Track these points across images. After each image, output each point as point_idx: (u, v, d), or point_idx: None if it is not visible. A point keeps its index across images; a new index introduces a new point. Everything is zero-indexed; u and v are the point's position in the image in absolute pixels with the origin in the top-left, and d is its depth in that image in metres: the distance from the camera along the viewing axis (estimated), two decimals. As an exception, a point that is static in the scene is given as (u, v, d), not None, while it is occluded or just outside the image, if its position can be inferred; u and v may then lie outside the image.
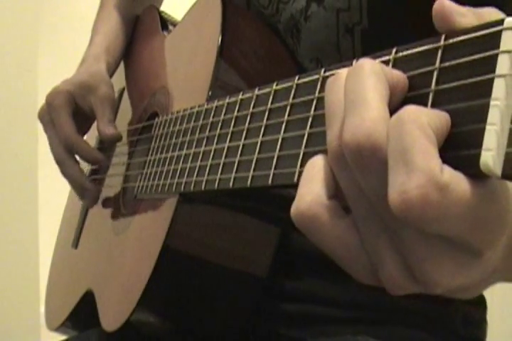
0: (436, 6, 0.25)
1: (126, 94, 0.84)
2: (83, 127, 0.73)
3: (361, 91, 0.25)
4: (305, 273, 0.59)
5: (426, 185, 0.22)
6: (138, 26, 0.85)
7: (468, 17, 0.25)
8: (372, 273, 0.27)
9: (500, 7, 0.27)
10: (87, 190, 0.72)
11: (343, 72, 0.27)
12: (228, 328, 0.58)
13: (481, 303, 0.64)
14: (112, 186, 0.75)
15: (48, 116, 0.71)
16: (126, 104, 0.82)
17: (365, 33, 0.53)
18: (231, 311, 0.57)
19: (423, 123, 0.23)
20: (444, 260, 0.25)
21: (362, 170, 0.25)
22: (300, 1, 0.57)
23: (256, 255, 0.56)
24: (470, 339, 0.62)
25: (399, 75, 0.26)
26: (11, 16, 1.60)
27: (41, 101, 0.74)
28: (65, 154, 0.70)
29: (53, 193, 1.37)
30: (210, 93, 0.54)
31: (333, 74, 0.31)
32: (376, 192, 0.25)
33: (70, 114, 0.70)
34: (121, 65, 0.85)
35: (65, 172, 0.72)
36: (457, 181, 0.23)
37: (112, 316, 0.62)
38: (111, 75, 0.77)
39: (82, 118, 0.72)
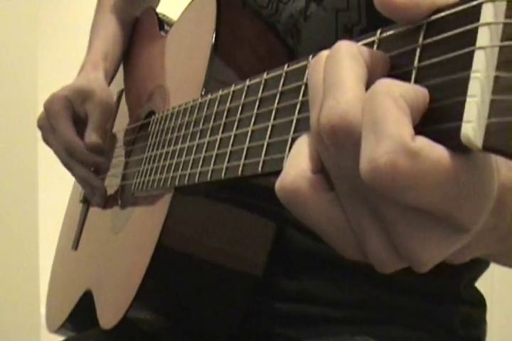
0: None
1: (125, 95, 0.84)
2: (82, 133, 0.74)
3: (337, 74, 0.25)
4: (303, 272, 0.59)
5: (394, 151, 0.22)
6: (137, 28, 0.86)
7: None
8: (358, 249, 0.27)
9: None
10: (96, 188, 0.73)
11: (323, 55, 0.27)
12: (224, 326, 0.58)
13: (480, 303, 0.64)
14: (111, 186, 0.75)
15: (47, 124, 0.71)
16: (125, 104, 0.83)
17: (364, 33, 0.53)
18: (226, 308, 0.57)
19: (395, 93, 0.23)
20: (428, 236, 0.24)
21: (339, 151, 0.25)
22: (299, 1, 0.57)
23: (251, 251, 0.56)
24: (469, 340, 0.62)
25: (378, 54, 0.26)
26: (11, 16, 1.61)
27: (41, 101, 0.74)
28: (71, 159, 0.71)
29: (53, 193, 1.38)
30: (203, 90, 0.54)
31: None
32: (354, 170, 0.25)
33: (69, 118, 0.71)
34: (121, 67, 0.85)
35: (75, 175, 0.73)
36: (430, 148, 0.23)
37: (108, 313, 0.62)
38: (109, 82, 0.77)
39: (81, 125, 0.72)
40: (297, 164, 0.27)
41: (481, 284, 0.64)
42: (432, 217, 0.24)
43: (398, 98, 0.23)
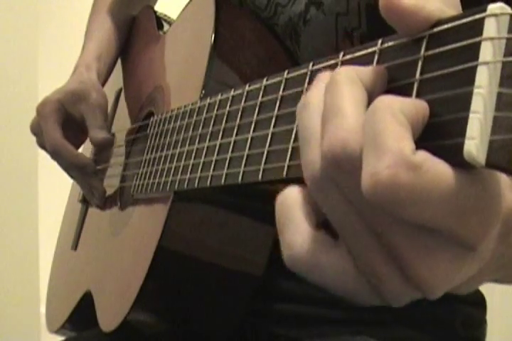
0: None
1: (123, 95, 0.84)
2: (78, 137, 0.73)
3: (336, 102, 0.25)
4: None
5: (395, 165, 0.22)
6: (135, 27, 0.86)
7: None
8: (374, 292, 0.26)
9: None
10: (95, 189, 0.72)
11: (308, 97, 0.27)
12: (224, 327, 0.58)
13: (480, 304, 0.64)
14: (109, 187, 0.75)
15: (38, 127, 0.71)
16: (123, 104, 0.83)
17: (364, 37, 0.53)
18: (226, 309, 0.57)
19: (394, 109, 0.23)
20: (436, 259, 0.24)
21: (344, 180, 0.25)
22: (299, 5, 0.57)
23: (251, 253, 0.56)
24: (469, 340, 0.62)
25: (376, 72, 0.26)
26: (11, 16, 1.61)
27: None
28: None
29: (53, 194, 1.38)
30: (203, 91, 0.54)
31: (321, 68, 0.31)
32: (357, 198, 0.24)
33: (57, 121, 0.70)
34: (119, 66, 0.85)
35: (74, 176, 0.73)
36: (432, 162, 0.22)
37: (109, 316, 0.62)
38: (103, 83, 0.77)
39: (75, 128, 0.72)
40: (299, 228, 0.27)
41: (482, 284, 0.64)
42: (438, 237, 0.24)
43: (397, 113, 0.23)
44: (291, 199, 0.28)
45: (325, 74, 0.28)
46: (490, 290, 0.61)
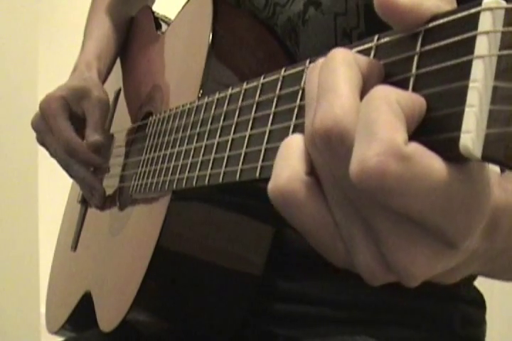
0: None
1: (122, 95, 0.84)
2: (81, 132, 0.73)
3: (332, 80, 0.25)
4: (302, 273, 0.59)
5: (385, 154, 0.22)
6: (133, 27, 0.86)
7: None
8: (347, 257, 0.26)
9: None
10: (95, 189, 0.72)
11: (320, 61, 0.27)
12: (223, 327, 0.58)
13: (480, 303, 0.64)
14: (109, 187, 0.75)
15: (43, 124, 0.71)
16: (122, 104, 0.83)
17: (363, 37, 0.52)
18: (226, 309, 0.57)
19: (390, 99, 0.23)
20: (417, 249, 0.24)
21: (332, 157, 0.25)
22: (297, 5, 0.57)
23: (250, 253, 0.56)
24: (469, 340, 0.62)
25: (374, 63, 0.26)
26: (11, 16, 1.61)
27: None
28: (70, 159, 0.70)
29: (53, 193, 1.38)
30: (201, 91, 0.54)
31: None
32: (346, 178, 0.24)
33: (66, 118, 0.70)
34: (118, 66, 0.85)
35: (74, 176, 0.73)
36: (423, 154, 0.22)
37: (108, 316, 0.62)
38: (103, 82, 0.77)
39: (78, 124, 0.72)
40: (290, 165, 0.26)
41: (481, 284, 0.64)
42: (422, 230, 0.24)
43: (393, 103, 0.23)
44: (295, 142, 0.27)
45: None
46: (489, 290, 0.61)
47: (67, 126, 0.69)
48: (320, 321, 0.59)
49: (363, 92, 0.25)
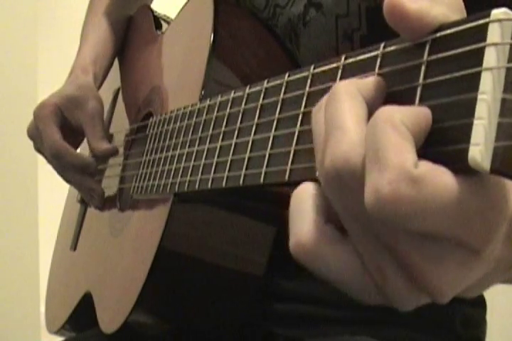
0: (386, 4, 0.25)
1: (121, 95, 0.84)
2: (74, 141, 0.73)
3: (337, 117, 0.25)
4: (303, 273, 0.59)
5: (397, 180, 0.22)
6: (132, 26, 0.85)
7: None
8: (378, 292, 0.26)
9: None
10: (93, 190, 0.72)
11: (324, 100, 0.27)
12: (226, 328, 0.58)
13: (480, 303, 0.64)
14: (108, 187, 0.75)
15: (36, 131, 0.71)
16: (121, 104, 0.82)
17: (365, 39, 0.52)
18: (228, 310, 0.57)
19: (395, 121, 0.23)
20: (444, 264, 0.24)
21: (347, 193, 0.25)
22: (298, 6, 0.56)
23: (252, 253, 0.56)
24: (469, 340, 0.62)
25: (376, 85, 0.26)
26: (11, 16, 1.60)
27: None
28: (62, 164, 0.70)
29: (53, 193, 1.38)
30: (202, 92, 0.54)
31: (322, 72, 0.31)
32: (363, 210, 0.24)
33: (56, 123, 0.70)
34: (117, 65, 0.85)
35: (71, 181, 0.73)
36: (434, 174, 0.22)
37: (109, 318, 0.62)
38: (99, 86, 0.77)
39: (69, 133, 0.72)
40: (307, 218, 0.26)
41: (481, 284, 0.64)
42: (444, 244, 0.24)
43: (398, 124, 0.23)
44: (305, 193, 0.28)
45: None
46: (490, 290, 0.61)
47: (54, 131, 0.69)
48: (321, 321, 0.59)
49: (369, 115, 0.25)
